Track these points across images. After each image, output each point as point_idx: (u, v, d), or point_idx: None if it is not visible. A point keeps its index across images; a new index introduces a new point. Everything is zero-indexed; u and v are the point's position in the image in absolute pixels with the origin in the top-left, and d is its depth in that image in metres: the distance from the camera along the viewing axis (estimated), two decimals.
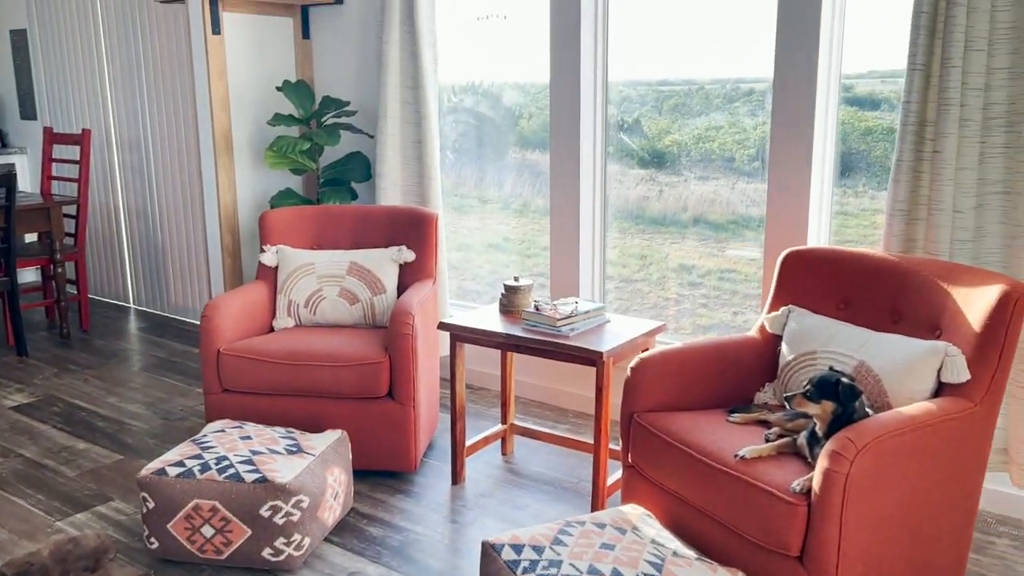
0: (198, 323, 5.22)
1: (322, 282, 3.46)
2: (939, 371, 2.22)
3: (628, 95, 3.66)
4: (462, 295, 4.37)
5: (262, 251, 3.58)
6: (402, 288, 3.50)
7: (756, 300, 3.55)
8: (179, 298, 5.31)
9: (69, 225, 5.45)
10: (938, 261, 2.48)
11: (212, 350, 3.16)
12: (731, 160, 3.52)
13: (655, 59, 3.55)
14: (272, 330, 3.46)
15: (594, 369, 3.67)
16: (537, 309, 2.93)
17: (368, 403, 3.08)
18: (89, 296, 5.83)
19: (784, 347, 2.61)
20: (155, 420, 3.79)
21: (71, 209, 5.49)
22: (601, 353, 2.67)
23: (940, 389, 2.25)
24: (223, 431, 2.83)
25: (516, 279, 3.14)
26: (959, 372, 2.17)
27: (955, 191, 2.63)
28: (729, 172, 3.53)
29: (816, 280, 2.67)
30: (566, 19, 3.52)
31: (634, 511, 2.38)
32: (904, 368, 2.25)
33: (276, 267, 3.55)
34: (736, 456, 2.19)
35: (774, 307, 2.75)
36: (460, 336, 3.02)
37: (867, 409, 2.14)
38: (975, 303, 2.24)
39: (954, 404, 2.14)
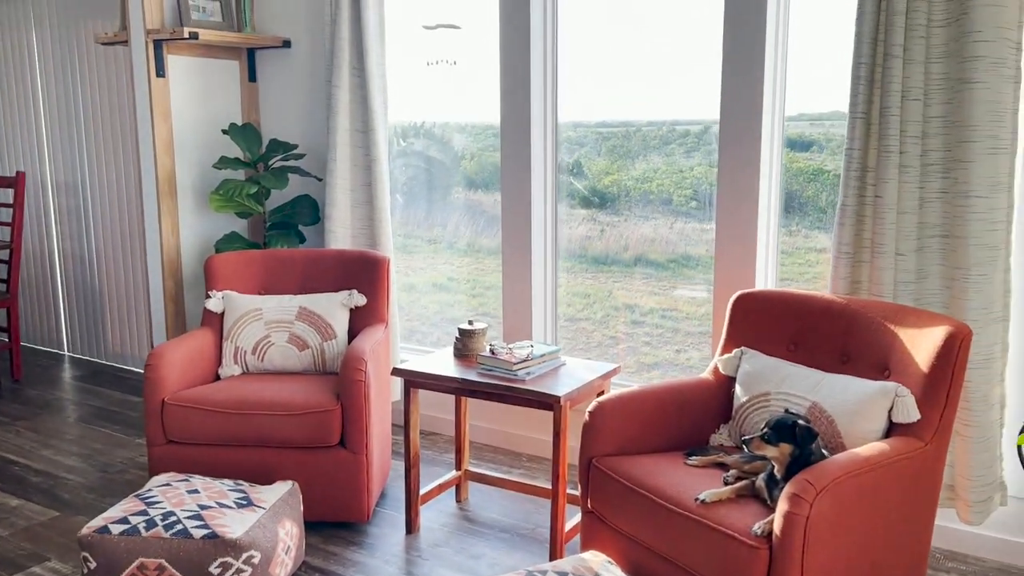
0: (137, 370, 5.08)
1: (270, 328, 3.39)
2: (890, 411, 2.27)
3: (568, 136, 3.72)
4: (408, 335, 4.32)
5: (208, 297, 3.49)
6: (353, 333, 3.45)
7: (698, 338, 3.59)
8: (117, 345, 5.14)
9: (1, 271, 5.25)
10: (884, 303, 2.55)
11: (157, 400, 3.05)
12: (669, 200, 3.59)
13: (593, 101, 3.62)
14: (218, 378, 3.37)
15: (548, 412, 3.67)
16: (492, 353, 2.92)
17: (319, 452, 3.01)
18: (21, 344, 5.61)
19: (738, 389, 2.64)
20: (93, 474, 3.63)
21: (3, 254, 5.30)
22: (559, 397, 2.66)
23: (891, 429, 2.30)
24: (169, 485, 2.73)
25: (470, 322, 3.12)
26: (910, 412, 2.22)
27: (897, 234, 2.71)
28: (667, 212, 3.61)
29: (767, 322, 2.72)
30: (517, 62, 3.56)
31: (595, 558, 2.36)
32: (856, 409, 2.29)
33: (222, 313, 3.47)
34: (696, 500, 2.19)
35: (727, 349, 2.79)
36: (414, 382, 2.98)
37: (823, 451, 2.17)
38: (922, 344, 2.30)
39: (906, 444, 2.19)
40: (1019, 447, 2.43)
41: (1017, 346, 2.74)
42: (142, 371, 4.98)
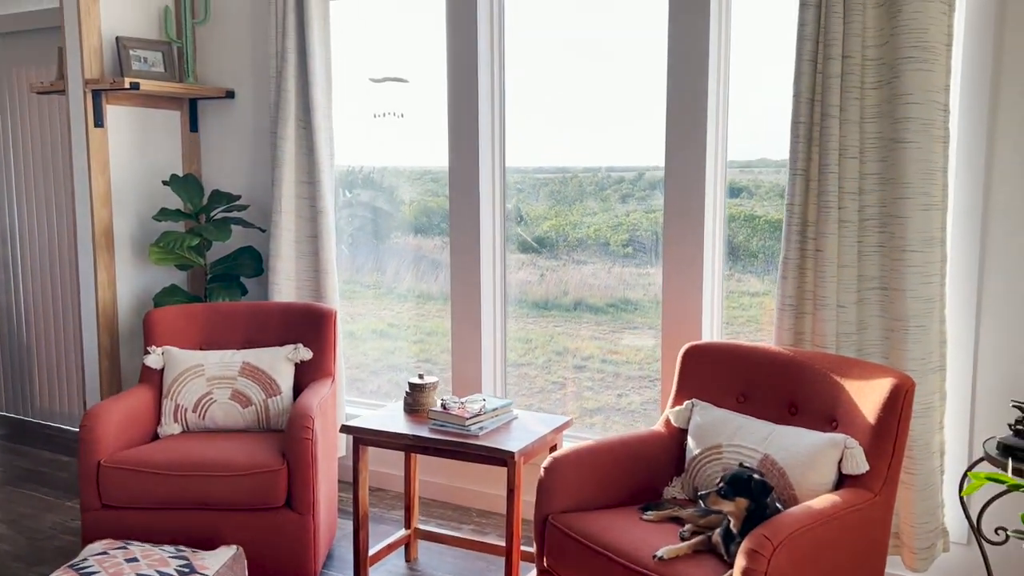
0: (67, 428, 4.86)
1: (212, 384, 3.29)
2: (840, 463, 2.31)
3: (508, 181, 3.76)
4: (348, 384, 4.24)
5: (147, 353, 3.39)
6: (298, 388, 3.38)
7: (638, 382, 3.62)
8: (47, 402, 4.93)
9: None
10: (829, 355, 2.61)
11: (92, 462, 2.92)
12: (606, 245, 3.65)
13: (531, 147, 3.67)
14: (156, 437, 3.25)
15: (499, 467, 3.63)
16: (444, 408, 2.89)
17: (264, 514, 2.91)
18: None
19: (690, 441, 2.65)
20: (19, 540, 3.45)
21: None
22: (513, 453, 2.64)
23: (841, 480, 2.34)
24: (105, 553, 2.60)
25: (421, 376, 3.09)
26: (859, 464, 2.27)
27: (838, 287, 2.79)
28: (605, 257, 3.66)
29: (716, 374, 2.76)
30: (465, 110, 3.58)
31: None
32: (807, 461, 2.33)
33: (162, 369, 3.36)
34: (654, 557, 2.18)
35: (678, 401, 2.81)
36: (364, 439, 2.93)
37: (777, 504, 2.19)
38: (868, 396, 2.36)
39: (856, 495, 2.22)
40: (961, 498, 2.49)
41: (954, 395, 2.83)
42: (72, 429, 4.79)
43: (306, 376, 3.40)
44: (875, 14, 2.70)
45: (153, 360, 3.36)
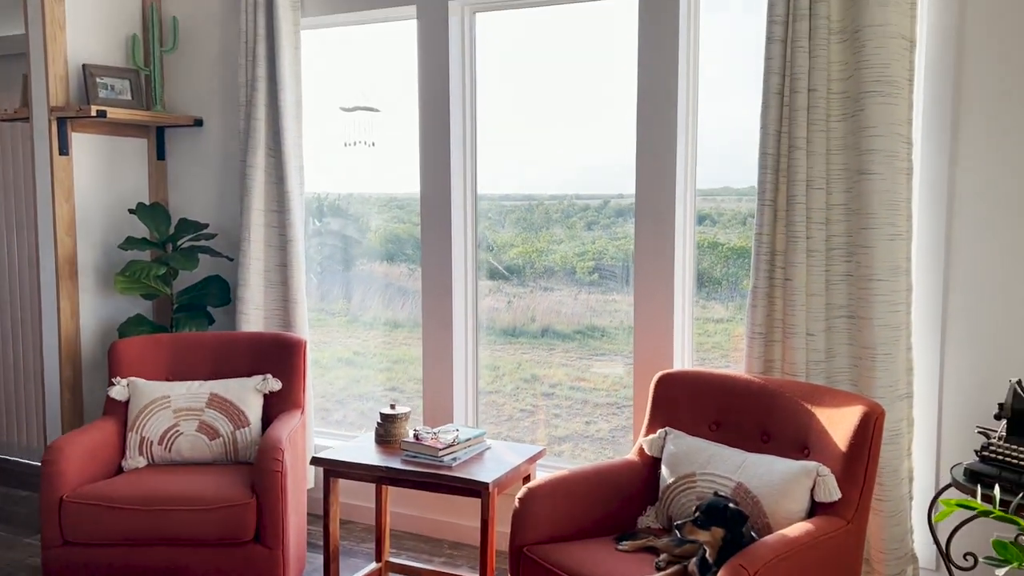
0: (26, 462, 4.73)
1: (179, 416, 3.23)
2: (812, 490, 2.33)
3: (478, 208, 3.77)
4: (315, 413, 4.19)
5: (111, 384, 3.32)
6: (267, 420, 3.33)
7: (606, 408, 3.63)
8: (4, 435, 4.80)
9: None
10: (800, 383, 2.64)
11: (54, 498, 2.85)
12: (572, 272, 3.67)
13: (497, 175, 3.69)
14: (121, 471, 3.18)
15: (472, 498, 3.60)
16: (416, 438, 2.86)
17: (233, 549, 2.86)
18: None
19: (664, 470, 2.66)
20: None
21: None
22: (487, 484, 2.62)
23: (814, 508, 2.36)
24: None
25: (392, 407, 3.07)
26: (831, 491, 2.29)
27: (807, 315, 2.83)
28: (571, 283, 3.69)
29: (689, 402, 2.77)
30: (437, 138, 3.58)
31: None
32: (780, 489, 2.34)
33: (127, 401, 3.30)
34: None
35: (651, 429, 2.82)
36: (335, 471, 2.89)
37: (752, 533, 2.20)
38: (839, 424, 2.39)
39: (829, 523, 2.24)
40: (931, 524, 2.53)
41: (921, 421, 2.88)
42: (32, 463, 4.66)
43: (275, 407, 3.35)
44: (839, 49, 2.77)
45: (118, 392, 3.30)
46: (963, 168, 2.76)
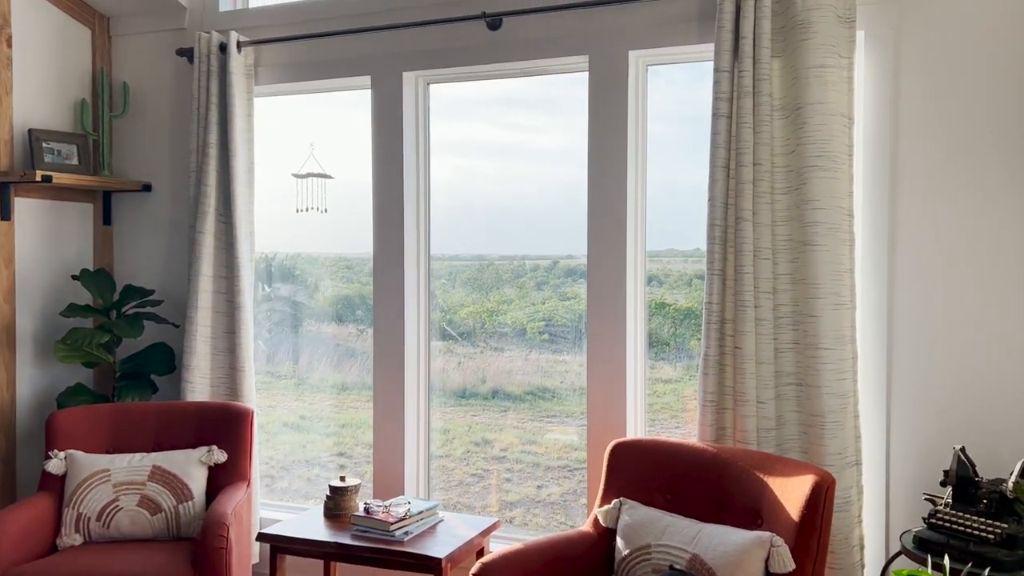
0: None
1: (119, 491, 3.12)
2: (767, 561, 2.33)
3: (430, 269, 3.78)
4: (259, 480, 4.07)
5: (48, 458, 3.19)
6: (211, 493, 3.22)
7: (558, 472, 3.60)
8: None
9: None
10: (751, 451, 2.66)
11: None
12: (523, 332, 3.68)
13: (447, 235, 3.71)
14: (56, 550, 3.04)
15: (425, 574, 3.51)
16: (367, 512, 2.80)
17: None
18: None
19: (619, 542, 2.63)
20: None
21: None
22: (440, 559, 2.57)
23: None
24: None
25: (342, 479, 3.00)
26: (786, 562, 2.29)
27: (757, 383, 2.87)
28: (522, 344, 3.69)
29: (643, 471, 2.77)
30: (390, 200, 3.59)
31: None
32: (735, 561, 2.34)
33: (64, 475, 3.17)
34: None
35: (605, 499, 2.80)
36: (282, 547, 2.80)
37: None
38: (791, 493, 2.40)
39: None
40: None
41: (869, 488, 2.91)
42: None
43: (220, 479, 3.25)
44: (782, 125, 2.88)
45: (54, 466, 3.17)
46: (902, 239, 2.86)
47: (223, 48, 3.69)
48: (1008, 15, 2.73)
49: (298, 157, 3.91)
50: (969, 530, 2.39)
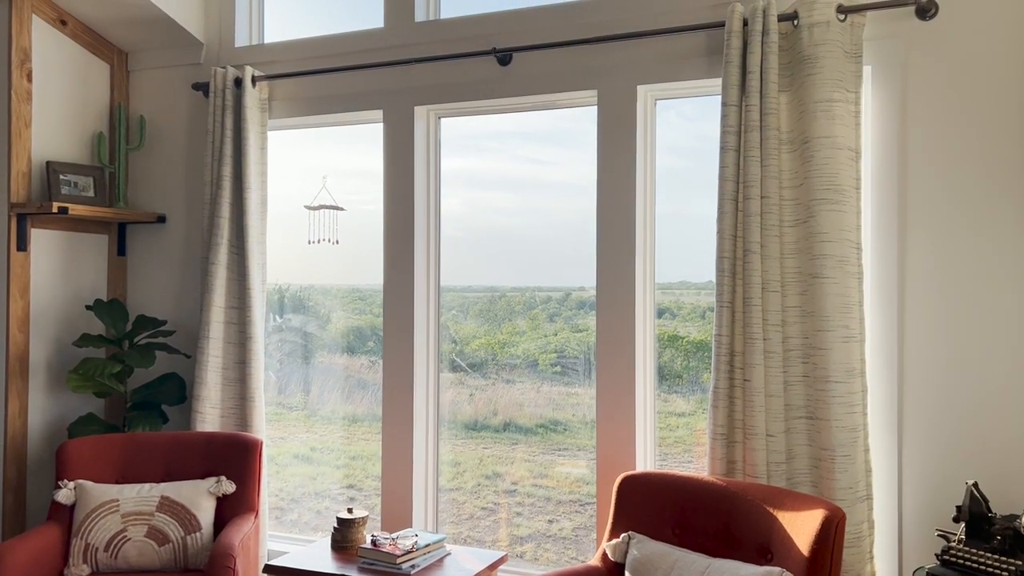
0: None
1: (127, 521, 3.12)
2: None
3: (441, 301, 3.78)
4: (268, 511, 4.06)
5: (57, 487, 3.20)
6: (219, 524, 3.22)
7: (569, 506, 3.57)
8: None
9: None
10: (761, 485, 2.64)
11: None
12: (535, 364, 3.67)
13: (458, 267, 3.73)
14: None
15: None
16: (374, 544, 2.79)
17: None
18: None
19: None
20: None
21: None
22: None
23: None
24: None
25: (350, 511, 2.99)
26: None
27: (766, 416, 2.85)
28: (534, 376, 3.68)
29: (652, 505, 2.75)
30: (401, 232, 3.62)
31: None
32: None
33: (73, 505, 3.18)
34: None
35: (614, 533, 2.78)
36: None
37: None
38: (801, 528, 2.38)
39: None
40: None
41: (881, 523, 2.88)
42: None
43: (228, 510, 3.25)
44: (789, 159, 2.89)
45: (64, 496, 3.18)
46: (911, 272, 2.85)
47: (238, 83, 3.75)
48: (1015, 51, 2.74)
49: (311, 189, 3.96)
50: (983, 567, 2.36)
